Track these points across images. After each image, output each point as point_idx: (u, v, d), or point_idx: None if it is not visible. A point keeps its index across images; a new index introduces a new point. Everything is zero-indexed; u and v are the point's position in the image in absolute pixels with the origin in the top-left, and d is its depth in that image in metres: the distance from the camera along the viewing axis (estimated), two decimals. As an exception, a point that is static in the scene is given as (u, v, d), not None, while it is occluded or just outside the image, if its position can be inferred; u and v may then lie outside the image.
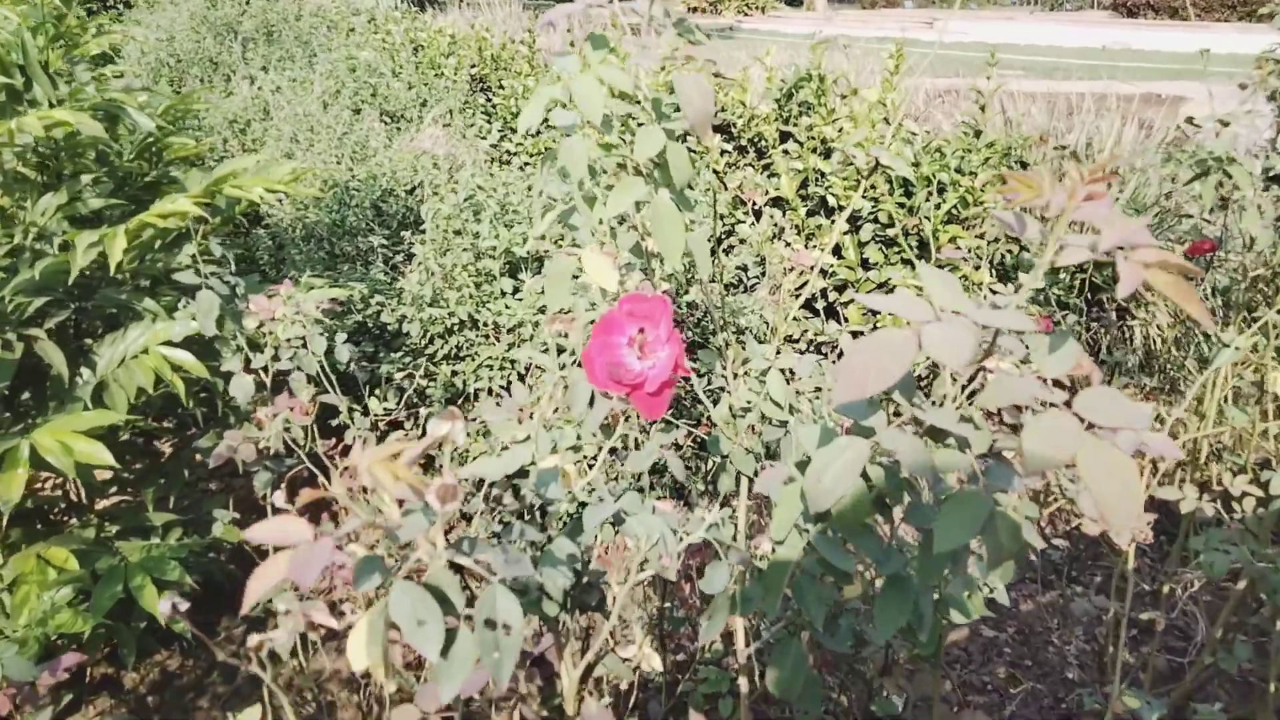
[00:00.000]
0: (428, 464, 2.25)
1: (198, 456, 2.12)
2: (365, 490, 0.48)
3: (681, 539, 0.75)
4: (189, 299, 1.85)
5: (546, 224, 0.84)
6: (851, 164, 3.29)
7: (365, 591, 0.51)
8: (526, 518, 0.79)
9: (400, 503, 0.50)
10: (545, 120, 0.81)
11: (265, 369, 1.74)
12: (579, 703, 0.76)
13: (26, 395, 1.99)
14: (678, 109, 0.86)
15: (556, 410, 0.79)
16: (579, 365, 0.77)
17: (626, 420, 0.75)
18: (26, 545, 1.92)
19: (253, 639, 0.63)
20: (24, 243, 1.83)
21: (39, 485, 2.10)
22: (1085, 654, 2.35)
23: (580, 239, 0.93)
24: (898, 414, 0.70)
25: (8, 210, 1.86)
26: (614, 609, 0.72)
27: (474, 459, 2.26)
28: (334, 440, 2.17)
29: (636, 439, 0.78)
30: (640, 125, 0.78)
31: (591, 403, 0.73)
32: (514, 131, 4.28)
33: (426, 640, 0.48)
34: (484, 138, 3.80)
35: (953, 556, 0.69)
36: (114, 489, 2.23)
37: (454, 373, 2.47)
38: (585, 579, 0.74)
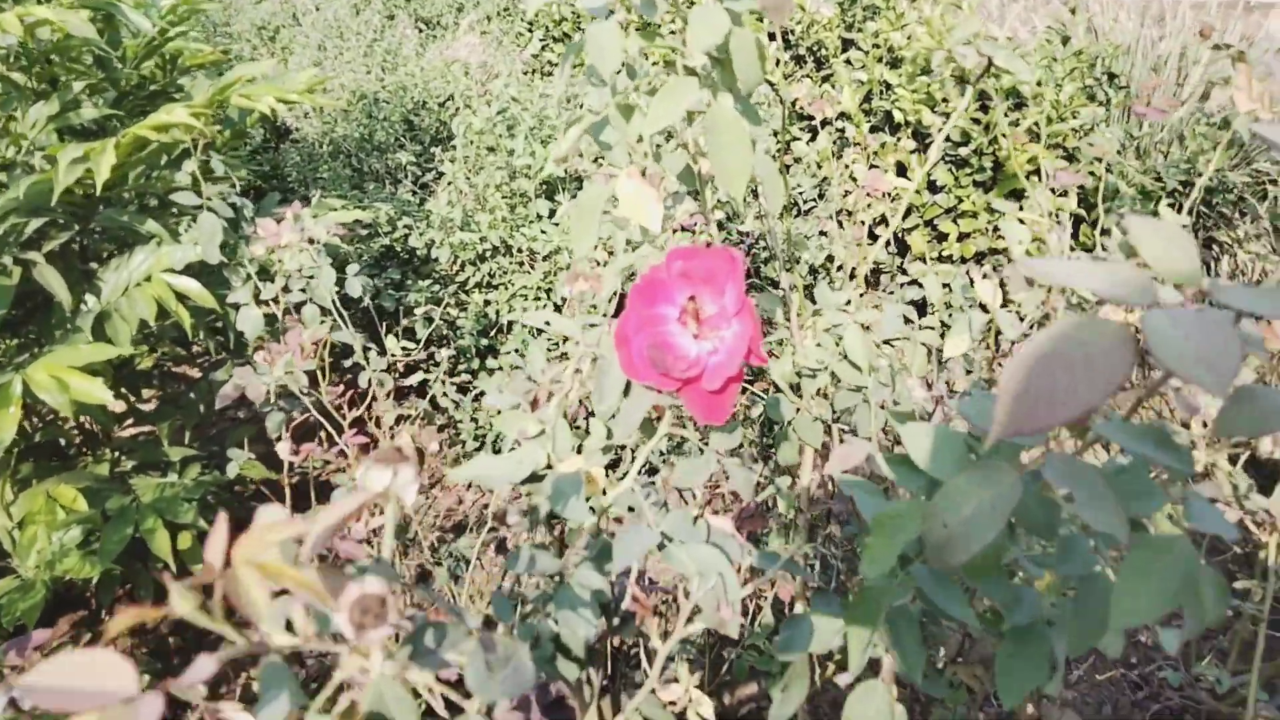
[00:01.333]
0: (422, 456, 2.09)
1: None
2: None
3: (746, 578, 0.57)
4: (194, 222, 1.69)
5: (569, 142, 0.64)
6: (922, 75, 2.99)
7: None
8: (540, 538, 0.63)
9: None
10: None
11: (276, 300, 1.58)
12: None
13: (32, 326, 1.86)
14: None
15: (587, 394, 0.61)
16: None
17: (674, 412, 0.57)
18: (37, 481, 1.81)
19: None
20: (15, 158, 1.67)
21: (53, 417, 1.99)
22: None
23: (615, 160, 0.73)
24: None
25: (-2, 121, 1.70)
26: (654, 673, 0.54)
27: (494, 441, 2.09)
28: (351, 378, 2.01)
29: (683, 437, 0.60)
30: (694, 4, 0.57)
31: (627, 392, 0.54)
32: (556, 41, 4.00)
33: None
34: (523, 47, 3.54)
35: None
36: (130, 420, 2.12)
37: (486, 302, 2.30)
38: (617, 618, 0.57)
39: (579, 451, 0.59)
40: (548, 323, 0.64)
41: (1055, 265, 0.39)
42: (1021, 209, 1.47)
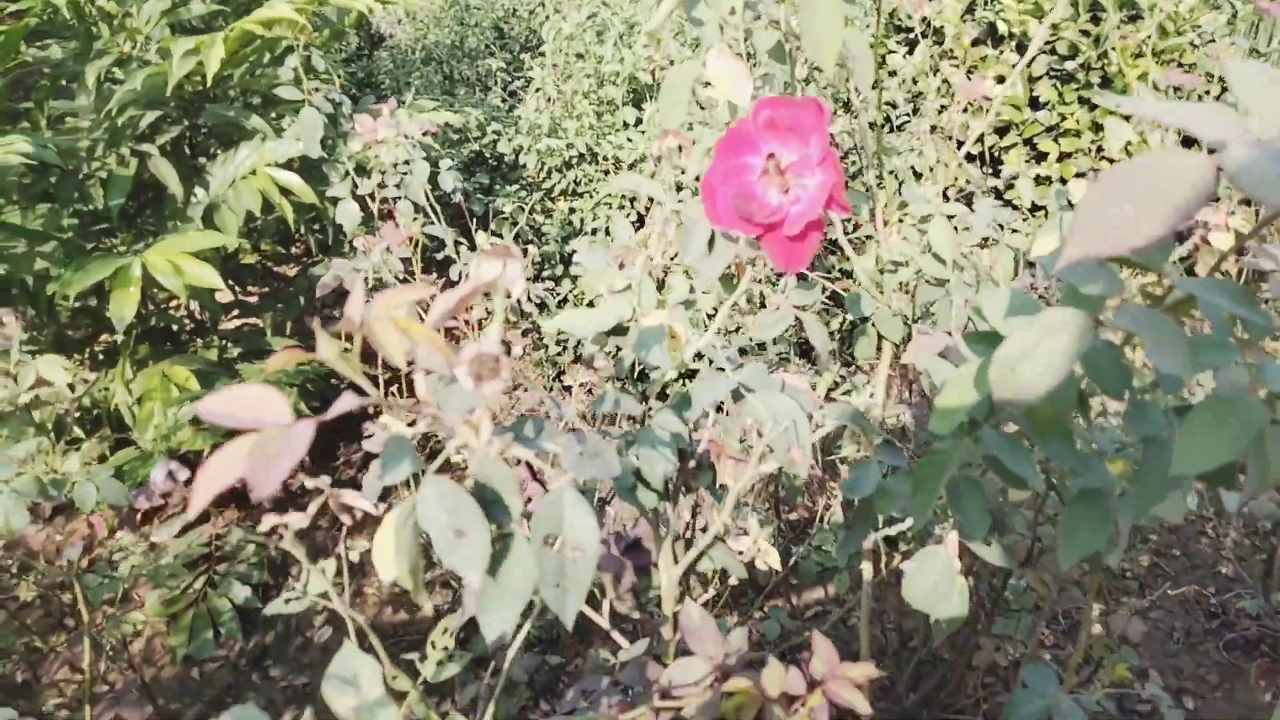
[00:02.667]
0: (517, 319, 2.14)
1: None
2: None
3: (816, 426, 0.59)
4: (295, 118, 1.75)
5: (662, 14, 0.65)
6: (1032, -17, 2.85)
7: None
8: (625, 386, 0.66)
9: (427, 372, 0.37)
10: None
11: (373, 195, 1.64)
12: (679, 602, 0.64)
13: (148, 216, 1.97)
14: None
15: (670, 255, 0.64)
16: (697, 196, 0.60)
17: (754, 267, 0.59)
18: (153, 362, 1.94)
19: (267, 521, 0.53)
20: (131, 52, 1.75)
21: (166, 305, 2.12)
22: (1245, 548, 2.11)
23: (707, 36, 0.74)
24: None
25: (114, 16, 1.77)
26: (724, 511, 0.58)
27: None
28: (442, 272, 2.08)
29: (762, 294, 0.62)
30: None
31: (710, 246, 0.56)
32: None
33: (463, 558, 0.36)
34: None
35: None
36: (236, 311, 2.24)
37: (571, 209, 2.32)
38: (694, 462, 0.60)
39: (660, 306, 0.62)
40: (637, 185, 0.67)
41: (1150, 105, 0.40)
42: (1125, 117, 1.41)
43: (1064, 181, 2.74)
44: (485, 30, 2.82)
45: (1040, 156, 2.82)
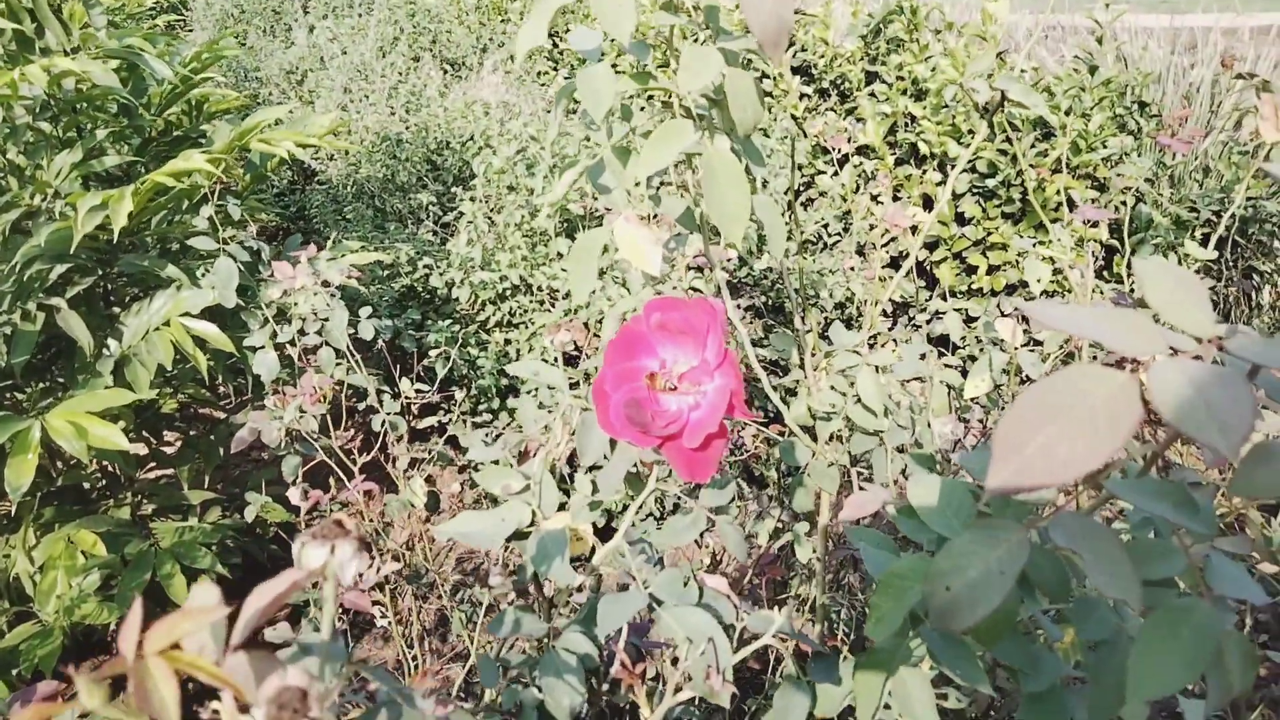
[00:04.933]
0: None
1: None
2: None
3: (740, 641, 0.53)
4: (209, 267, 1.70)
5: (563, 187, 0.62)
6: (947, 107, 2.97)
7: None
8: (531, 595, 0.60)
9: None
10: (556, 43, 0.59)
11: (293, 342, 1.58)
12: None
13: (57, 370, 1.88)
14: (745, 30, 0.63)
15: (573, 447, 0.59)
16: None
17: (662, 465, 0.54)
18: (60, 525, 1.82)
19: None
20: (39, 205, 1.69)
21: (76, 461, 2.00)
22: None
23: (614, 202, 0.71)
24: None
25: (24, 169, 1.72)
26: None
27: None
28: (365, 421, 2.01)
29: (677, 497, 0.57)
30: (690, 43, 0.56)
31: (613, 446, 0.52)
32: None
33: None
34: (545, 84, 3.57)
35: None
36: (153, 463, 2.12)
37: (507, 341, 2.29)
38: (606, 683, 0.54)
39: (562, 509, 0.56)
40: (536, 373, 0.62)
41: (1057, 312, 0.37)
42: (1042, 244, 1.43)
43: (994, 293, 2.80)
44: (417, 164, 2.84)
45: (971, 270, 2.88)
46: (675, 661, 0.48)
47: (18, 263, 1.59)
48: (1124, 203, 2.70)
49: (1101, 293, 1.07)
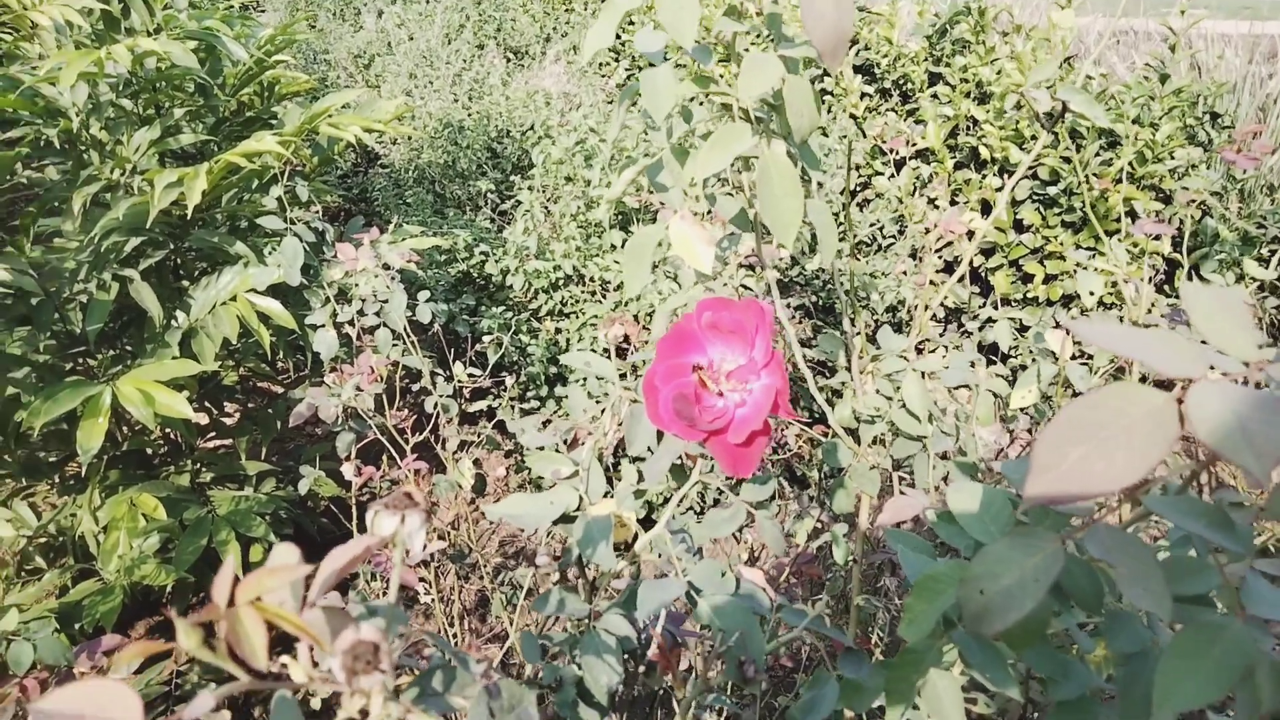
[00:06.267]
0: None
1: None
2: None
3: (773, 634, 0.55)
4: (276, 245, 1.75)
5: (622, 185, 0.64)
6: (1012, 111, 2.93)
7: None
8: (576, 574, 0.62)
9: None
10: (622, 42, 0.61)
11: (352, 322, 1.63)
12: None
13: (127, 339, 1.95)
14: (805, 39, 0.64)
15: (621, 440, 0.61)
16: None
17: (706, 458, 0.56)
18: (123, 488, 1.89)
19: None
20: (118, 179, 1.76)
21: (141, 428, 2.08)
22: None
23: (671, 200, 0.73)
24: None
25: (105, 144, 1.80)
26: (676, 727, 0.53)
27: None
28: (419, 402, 2.05)
29: (719, 492, 0.58)
30: (749, 50, 0.57)
31: (660, 438, 0.54)
32: (642, 70, 4.04)
33: None
34: (606, 76, 3.59)
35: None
36: (213, 433, 2.20)
37: (557, 330, 2.32)
38: (643, 665, 0.56)
39: (608, 495, 0.58)
40: (588, 364, 0.64)
41: (1099, 329, 0.38)
42: (1100, 255, 1.41)
43: (1050, 303, 2.75)
44: (477, 151, 2.88)
45: (1027, 278, 2.84)
46: (710, 651, 0.50)
47: (96, 234, 1.66)
48: (1190, 216, 2.64)
49: (1157, 308, 1.06)
